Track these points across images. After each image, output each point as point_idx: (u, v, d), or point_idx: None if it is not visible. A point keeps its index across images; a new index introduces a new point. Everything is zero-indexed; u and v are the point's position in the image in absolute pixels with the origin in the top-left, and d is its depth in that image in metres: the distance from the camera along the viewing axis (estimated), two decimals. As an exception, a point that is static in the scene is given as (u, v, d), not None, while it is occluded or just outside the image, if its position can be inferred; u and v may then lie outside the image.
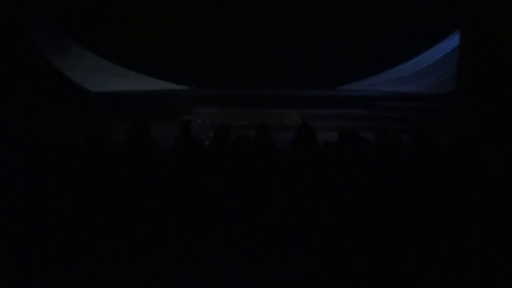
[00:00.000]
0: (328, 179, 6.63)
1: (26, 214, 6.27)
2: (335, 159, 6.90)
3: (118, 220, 6.38)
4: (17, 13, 13.81)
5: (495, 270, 5.43)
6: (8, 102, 13.15)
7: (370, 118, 13.07)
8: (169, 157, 7.40)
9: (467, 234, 5.97)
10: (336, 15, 15.59)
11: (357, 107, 13.66)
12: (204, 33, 15.63)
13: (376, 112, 13.37)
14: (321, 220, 6.35)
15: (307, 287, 5.27)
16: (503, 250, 5.74)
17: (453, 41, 14.12)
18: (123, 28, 15.06)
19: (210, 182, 6.73)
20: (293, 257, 5.81)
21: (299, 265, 5.63)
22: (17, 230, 6.08)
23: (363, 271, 5.47)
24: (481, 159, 6.86)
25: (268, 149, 7.26)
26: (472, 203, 6.23)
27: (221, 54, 15.62)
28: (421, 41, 14.67)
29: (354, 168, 6.62)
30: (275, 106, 13.79)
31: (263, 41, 15.58)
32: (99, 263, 5.64)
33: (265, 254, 5.86)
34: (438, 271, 5.44)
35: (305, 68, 15.45)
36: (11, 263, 5.55)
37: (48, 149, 7.05)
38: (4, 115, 11.79)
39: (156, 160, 7.03)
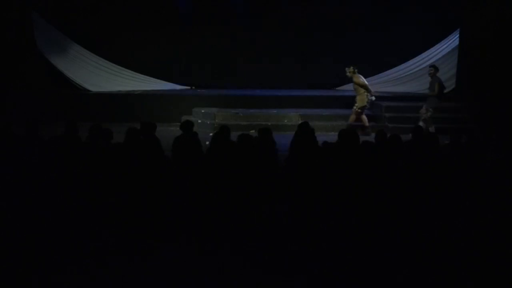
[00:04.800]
0: (328, 179, 6.63)
1: (27, 214, 6.27)
2: (335, 159, 6.91)
3: (118, 219, 6.38)
4: (17, 13, 13.80)
5: (495, 270, 5.43)
6: (8, 101, 13.15)
7: (370, 118, 13.07)
8: (169, 157, 7.41)
9: (467, 234, 5.97)
10: (336, 15, 15.58)
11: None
12: (205, 33, 15.63)
13: (376, 112, 13.37)
14: (321, 220, 6.36)
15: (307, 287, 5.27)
16: (503, 250, 5.74)
17: (453, 41, 14.12)
18: (123, 28, 15.05)
19: (210, 182, 6.73)
20: (293, 257, 5.80)
21: (299, 265, 5.62)
22: (17, 230, 6.08)
23: (363, 271, 5.47)
24: (481, 159, 6.87)
25: (268, 149, 7.26)
26: (472, 203, 6.22)
27: (221, 55, 15.62)
28: (421, 41, 14.67)
29: (354, 168, 6.62)
30: (275, 106, 13.80)
31: (263, 41, 15.58)
32: (99, 262, 5.63)
33: (265, 254, 5.86)
34: (438, 271, 5.44)
35: (305, 68, 15.46)
36: (11, 263, 5.54)
37: (49, 149, 7.06)
38: (4, 115, 11.78)
39: (156, 159, 7.03)
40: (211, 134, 9.74)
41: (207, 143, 7.82)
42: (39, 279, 5.29)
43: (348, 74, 12.16)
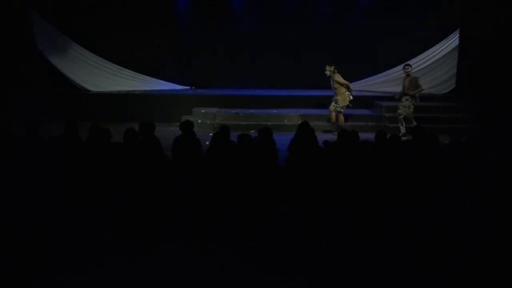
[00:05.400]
0: (328, 179, 6.63)
1: (27, 214, 6.26)
2: (335, 159, 6.91)
3: (118, 219, 6.38)
4: (17, 13, 13.80)
5: (495, 270, 5.43)
6: (8, 101, 13.15)
7: (370, 118, 13.08)
8: (169, 157, 7.41)
9: (467, 234, 5.97)
10: (336, 15, 15.59)
11: (357, 107, 13.68)
12: (205, 33, 15.63)
13: (376, 112, 13.38)
14: (321, 220, 6.36)
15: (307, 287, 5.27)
16: (503, 250, 5.73)
17: (453, 41, 14.13)
18: (123, 28, 15.05)
19: (210, 182, 6.73)
20: (293, 257, 5.80)
21: (299, 265, 5.62)
22: (17, 230, 6.08)
23: (363, 271, 5.47)
24: (481, 159, 6.86)
25: (268, 149, 7.26)
26: (472, 203, 6.22)
27: (221, 54, 15.63)
28: (421, 41, 14.67)
29: (354, 168, 6.62)
30: (275, 106, 13.81)
31: (263, 41, 15.59)
32: (99, 262, 5.63)
33: (265, 254, 5.85)
34: (438, 271, 5.43)
35: (305, 68, 15.46)
36: (11, 263, 5.54)
37: (49, 149, 7.06)
38: (4, 115, 11.78)
39: (156, 159, 7.03)
40: (211, 134, 9.74)
41: (207, 143, 7.82)
42: (39, 279, 5.29)
43: (327, 72, 12.20)
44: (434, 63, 14.50)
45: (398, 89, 14.77)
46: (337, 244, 5.97)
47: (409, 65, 12.17)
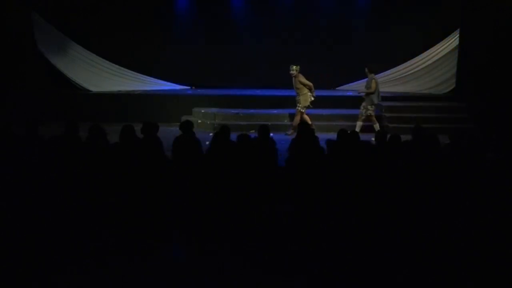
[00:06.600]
0: (328, 179, 6.63)
1: (27, 214, 6.26)
2: (335, 159, 6.90)
3: (118, 219, 6.38)
4: (17, 13, 13.79)
5: (495, 270, 5.43)
6: (8, 101, 13.14)
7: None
8: (169, 157, 7.41)
9: (467, 233, 5.97)
10: (336, 15, 15.59)
11: (357, 107, 13.66)
12: (205, 33, 15.63)
13: (376, 112, 13.35)
14: (321, 220, 6.36)
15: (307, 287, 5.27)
16: (503, 250, 5.74)
17: (453, 41, 14.13)
18: (123, 28, 15.04)
19: (210, 182, 6.73)
20: (293, 257, 5.80)
21: (299, 265, 5.62)
22: (17, 230, 6.08)
23: (363, 271, 5.47)
24: (481, 159, 6.86)
25: (268, 149, 7.26)
26: (472, 203, 6.22)
27: (221, 55, 15.62)
28: (421, 41, 14.67)
29: (354, 168, 6.62)
30: (275, 106, 13.80)
31: (263, 41, 15.59)
32: (99, 262, 5.63)
33: (265, 254, 5.85)
34: (438, 271, 5.43)
35: (305, 68, 15.43)
36: (12, 263, 5.54)
37: (49, 149, 7.06)
38: (4, 115, 11.77)
39: (156, 159, 7.03)
40: (211, 134, 9.74)
41: (207, 143, 7.82)
42: (39, 279, 5.29)
43: (292, 72, 12.16)
44: (434, 63, 14.50)
45: (397, 89, 14.86)
46: (337, 244, 5.97)
47: (366, 65, 12.15)
